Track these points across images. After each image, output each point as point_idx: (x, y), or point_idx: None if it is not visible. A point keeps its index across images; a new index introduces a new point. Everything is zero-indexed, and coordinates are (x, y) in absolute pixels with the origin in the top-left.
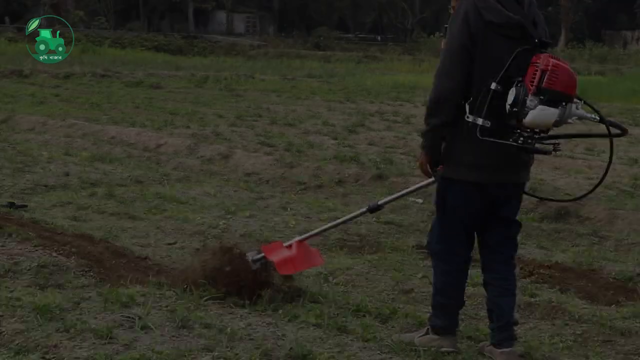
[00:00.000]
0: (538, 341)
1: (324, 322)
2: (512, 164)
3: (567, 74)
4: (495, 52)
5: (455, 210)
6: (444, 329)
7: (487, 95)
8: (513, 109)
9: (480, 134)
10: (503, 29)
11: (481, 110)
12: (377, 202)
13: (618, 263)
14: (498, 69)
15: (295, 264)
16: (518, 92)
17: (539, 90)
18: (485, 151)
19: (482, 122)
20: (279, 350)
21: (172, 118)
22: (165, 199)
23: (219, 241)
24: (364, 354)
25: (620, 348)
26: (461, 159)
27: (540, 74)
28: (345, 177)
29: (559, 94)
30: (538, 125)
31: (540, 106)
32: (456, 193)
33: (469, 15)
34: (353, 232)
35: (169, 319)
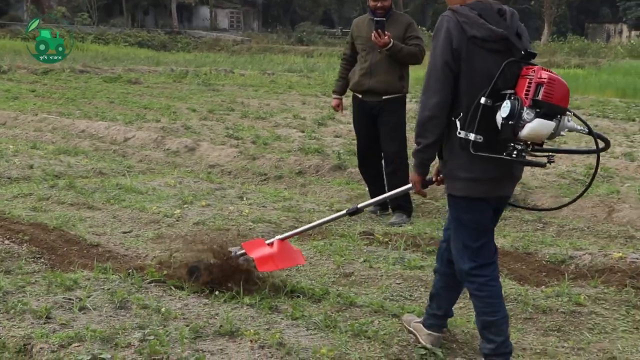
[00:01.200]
0: (465, 319)
1: (257, 302)
2: (507, 178)
3: (562, 86)
4: (481, 67)
5: (469, 224)
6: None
7: (477, 110)
8: (509, 122)
9: (474, 149)
10: (487, 43)
11: (472, 125)
12: (357, 206)
13: (554, 247)
14: (486, 83)
15: (275, 261)
16: (513, 105)
17: (536, 103)
18: (480, 166)
19: (475, 137)
20: (210, 327)
21: (145, 112)
22: (124, 190)
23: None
24: (290, 330)
25: (540, 324)
26: (458, 174)
27: (535, 86)
28: (305, 168)
29: (555, 107)
30: (534, 138)
31: (538, 119)
32: (465, 209)
33: (451, 32)
34: (305, 220)
35: (109, 300)
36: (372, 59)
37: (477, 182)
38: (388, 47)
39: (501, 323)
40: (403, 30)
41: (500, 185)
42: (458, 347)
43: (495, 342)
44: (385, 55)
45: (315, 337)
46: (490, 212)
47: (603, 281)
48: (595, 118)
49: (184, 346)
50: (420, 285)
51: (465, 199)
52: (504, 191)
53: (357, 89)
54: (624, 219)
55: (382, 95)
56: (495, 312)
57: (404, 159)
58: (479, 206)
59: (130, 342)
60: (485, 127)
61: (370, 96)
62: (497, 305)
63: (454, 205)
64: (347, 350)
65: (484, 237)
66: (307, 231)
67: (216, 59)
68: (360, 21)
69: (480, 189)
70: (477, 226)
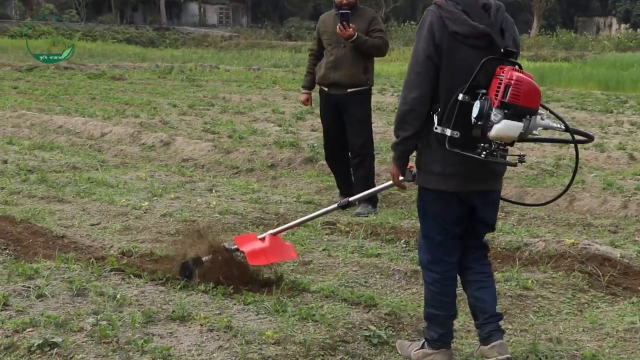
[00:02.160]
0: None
1: (211, 289)
2: (483, 173)
3: (529, 87)
4: (462, 63)
5: (435, 218)
6: (438, 341)
7: (455, 106)
8: (478, 122)
9: (449, 145)
10: (469, 39)
11: (449, 120)
12: (348, 199)
13: (511, 235)
14: (465, 79)
15: (267, 255)
16: (482, 105)
17: (503, 104)
18: (454, 161)
19: (451, 133)
20: (162, 313)
21: (125, 108)
22: (95, 184)
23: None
24: (240, 315)
25: None
26: (432, 169)
27: (504, 87)
28: (278, 161)
29: (522, 109)
30: (502, 139)
31: (505, 120)
32: (433, 202)
33: (434, 27)
34: (272, 212)
35: (68, 288)
36: (337, 53)
37: (450, 177)
38: (353, 39)
39: (445, 318)
40: (367, 23)
41: (475, 180)
42: (402, 329)
43: (437, 332)
44: (350, 49)
45: (264, 321)
46: (459, 209)
47: (553, 266)
48: (573, 110)
49: (135, 330)
50: (375, 272)
51: (436, 192)
52: (482, 186)
53: (323, 82)
54: (584, 208)
55: (348, 88)
56: (441, 308)
57: (369, 150)
58: (448, 201)
59: (83, 327)
60: (462, 124)
61: (336, 89)
62: (445, 303)
63: (423, 197)
64: (292, 332)
65: (446, 233)
66: (300, 225)
67: (203, 55)
68: (326, 17)
69: (452, 184)
70: (442, 221)
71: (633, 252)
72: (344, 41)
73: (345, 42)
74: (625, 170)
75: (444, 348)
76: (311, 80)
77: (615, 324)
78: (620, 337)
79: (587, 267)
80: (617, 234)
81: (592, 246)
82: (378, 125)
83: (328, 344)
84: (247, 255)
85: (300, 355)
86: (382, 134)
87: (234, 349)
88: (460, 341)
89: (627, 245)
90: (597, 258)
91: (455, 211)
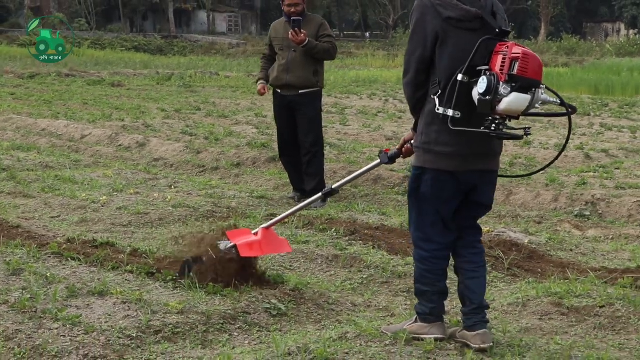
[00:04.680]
0: (332, 284)
1: (137, 270)
2: (484, 152)
3: (535, 61)
4: (458, 46)
5: (428, 198)
6: (430, 315)
7: (454, 86)
8: (486, 97)
9: (452, 125)
10: (463, 23)
11: (450, 101)
12: (331, 187)
13: None
14: (463, 61)
15: (262, 246)
16: (490, 80)
17: (511, 77)
18: (457, 141)
19: (453, 113)
20: (85, 289)
21: (112, 112)
22: (62, 181)
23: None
24: (156, 291)
25: (394, 287)
26: (432, 148)
27: (509, 62)
28: (243, 160)
29: (530, 81)
30: (511, 112)
31: (514, 93)
32: (429, 181)
33: (426, 16)
34: (224, 205)
35: (5, 269)
36: (289, 57)
37: (450, 156)
38: (304, 44)
39: (432, 294)
40: (316, 29)
41: (475, 160)
42: (304, 303)
43: (427, 307)
44: (301, 53)
45: (176, 295)
46: (454, 188)
47: None
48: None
49: (56, 303)
50: (301, 257)
51: (433, 171)
52: (479, 165)
53: (276, 84)
54: (519, 201)
55: (299, 89)
56: (428, 284)
57: (319, 148)
58: (444, 181)
59: (8, 300)
60: (462, 103)
61: (288, 90)
62: (432, 280)
63: (418, 177)
64: (196, 304)
65: (438, 214)
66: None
67: (210, 62)
68: (277, 24)
69: (452, 163)
70: (436, 201)
71: (543, 239)
72: (295, 46)
73: (296, 46)
74: (574, 168)
75: (437, 321)
76: (265, 74)
77: (504, 300)
78: (504, 310)
79: (495, 251)
80: (541, 224)
81: (505, 234)
82: (354, 128)
83: (229, 314)
84: (239, 248)
85: (201, 324)
86: (356, 136)
87: (139, 317)
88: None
89: (540, 233)
90: (506, 244)
91: (449, 192)
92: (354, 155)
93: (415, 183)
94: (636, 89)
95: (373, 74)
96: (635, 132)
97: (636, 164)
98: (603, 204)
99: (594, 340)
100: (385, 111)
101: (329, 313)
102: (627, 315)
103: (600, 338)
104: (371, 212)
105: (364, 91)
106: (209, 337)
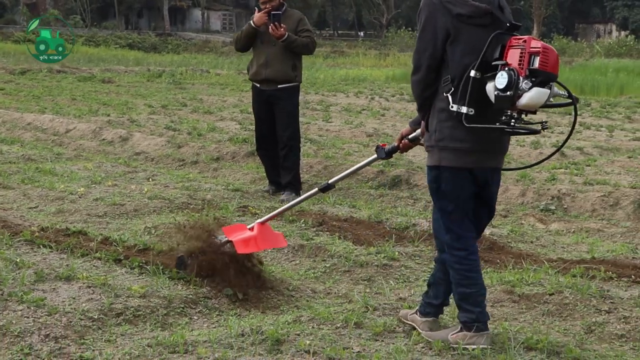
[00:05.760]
0: (295, 273)
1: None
2: (497, 149)
3: (554, 54)
4: (469, 42)
5: (450, 195)
6: (477, 321)
7: (467, 83)
8: (506, 93)
9: (467, 122)
10: (473, 19)
11: (464, 98)
12: (328, 182)
13: (403, 217)
14: (474, 57)
15: (257, 242)
16: (510, 75)
17: (532, 72)
18: (473, 137)
19: (467, 110)
20: (53, 274)
21: (99, 107)
22: (42, 173)
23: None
24: (121, 276)
25: (355, 276)
26: (448, 146)
27: (528, 56)
28: (223, 154)
29: (550, 75)
30: (532, 107)
31: (536, 88)
32: (448, 180)
33: (436, 14)
34: (199, 197)
35: None
36: (268, 52)
37: (467, 152)
38: (284, 38)
39: (477, 295)
40: (295, 24)
41: (489, 156)
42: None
43: (473, 312)
44: (280, 47)
45: (140, 280)
46: (472, 184)
47: (424, 240)
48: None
49: (23, 287)
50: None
51: (451, 169)
52: (493, 163)
53: (255, 79)
54: None
55: (278, 84)
56: (472, 285)
57: (296, 142)
58: (462, 178)
59: None
60: (476, 99)
61: (267, 85)
62: (475, 279)
63: (437, 177)
64: (159, 288)
65: (462, 210)
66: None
67: (202, 60)
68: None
69: (469, 160)
70: (457, 199)
71: (505, 232)
72: (274, 40)
73: (275, 41)
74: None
75: (484, 330)
76: None
77: None
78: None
79: None
80: (506, 217)
81: None
82: (336, 124)
83: (191, 299)
84: (235, 244)
85: (161, 307)
86: (337, 132)
87: (102, 300)
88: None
89: (503, 226)
90: None
91: (469, 188)
92: (332, 150)
93: (435, 183)
94: (621, 89)
95: (363, 72)
96: (612, 131)
97: (608, 162)
98: (568, 198)
99: (541, 325)
100: (370, 109)
101: (289, 299)
102: (574, 302)
103: (547, 324)
104: (342, 204)
105: (352, 89)
106: (169, 320)
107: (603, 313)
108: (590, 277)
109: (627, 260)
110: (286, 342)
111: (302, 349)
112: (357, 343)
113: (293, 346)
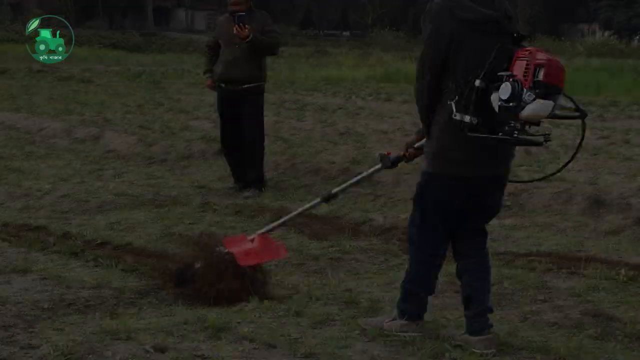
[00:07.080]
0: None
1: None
2: (496, 157)
3: (559, 67)
4: (473, 49)
5: (435, 204)
6: (412, 314)
7: (471, 92)
8: (509, 104)
9: (469, 131)
10: (478, 25)
11: (468, 107)
12: (331, 191)
13: (361, 212)
14: (478, 65)
15: (258, 254)
16: (513, 87)
17: (536, 84)
18: (471, 146)
19: (470, 119)
20: (9, 267)
21: (75, 107)
22: (11, 170)
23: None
24: (78, 269)
25: (307, 268)
26: (447, 155)
27: (533, 68)
28: (193, 152)
29: (554, 87)
30: (534, 118)
31: (538, 100)
32: (438, 187)
33: (442, 19)
34: (165, 194)
35: None
36: (233, 52)
37: (461, 162)
38: (249, 39)
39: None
40: (261, 24)
41: (486, 165)
42: None
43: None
44: (246, 47)
45: (94, 273)
46: (464, 196)
47: (378, 235)
48: None
49: None
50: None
51: (445, 177)
52: (491, 170)
53: (221, 79)
54: None
55: (244, 84)
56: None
57: (260, 140)
58: (454, 187)
59: None
60: (480, 109)
61: (232, 85)
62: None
63: (430, 183)
64: (111, 280)
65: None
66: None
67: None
68: (223, 19)
69: (462, 169)
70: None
71: None
72: (239, 41)
73: (240, 42)
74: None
75: (418, 319)
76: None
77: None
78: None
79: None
80: None
81: None
82: (309, 123)
83: (142, 290)
84: (236, 256)
85: (113, 297)
86: (309, 131)
87: (54, 291)
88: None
89: None
90: None
91: (459, 199)
92: (301, 149)
93: (424, 188)
94: (597, 89)
95: (344, 72)
96: None
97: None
98: (525, 194)
99: None
100: (345, 108)
101: None
102: (512, 292)
103: None
104: (303, 201)
105: (331, 89)
106: (118, 310)
107: (539, 302)
108: (531, 269)
109: (571, 253)
110: (227, 330)
111: (241, 336)
112: (295, 330)
113: (233, 333)
